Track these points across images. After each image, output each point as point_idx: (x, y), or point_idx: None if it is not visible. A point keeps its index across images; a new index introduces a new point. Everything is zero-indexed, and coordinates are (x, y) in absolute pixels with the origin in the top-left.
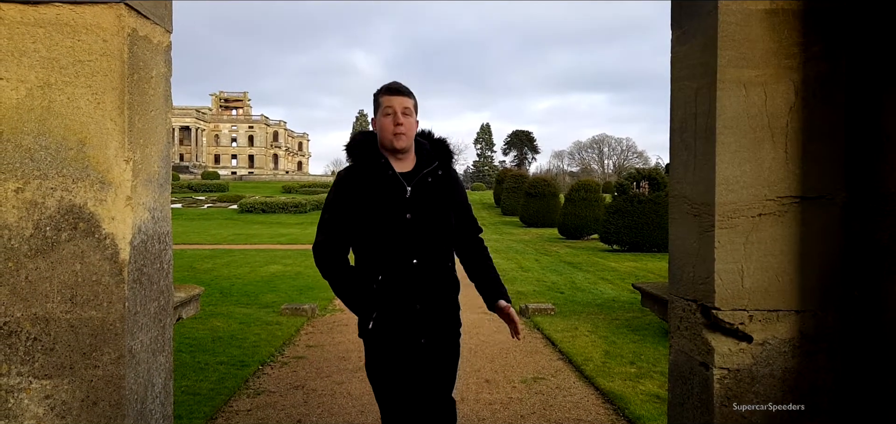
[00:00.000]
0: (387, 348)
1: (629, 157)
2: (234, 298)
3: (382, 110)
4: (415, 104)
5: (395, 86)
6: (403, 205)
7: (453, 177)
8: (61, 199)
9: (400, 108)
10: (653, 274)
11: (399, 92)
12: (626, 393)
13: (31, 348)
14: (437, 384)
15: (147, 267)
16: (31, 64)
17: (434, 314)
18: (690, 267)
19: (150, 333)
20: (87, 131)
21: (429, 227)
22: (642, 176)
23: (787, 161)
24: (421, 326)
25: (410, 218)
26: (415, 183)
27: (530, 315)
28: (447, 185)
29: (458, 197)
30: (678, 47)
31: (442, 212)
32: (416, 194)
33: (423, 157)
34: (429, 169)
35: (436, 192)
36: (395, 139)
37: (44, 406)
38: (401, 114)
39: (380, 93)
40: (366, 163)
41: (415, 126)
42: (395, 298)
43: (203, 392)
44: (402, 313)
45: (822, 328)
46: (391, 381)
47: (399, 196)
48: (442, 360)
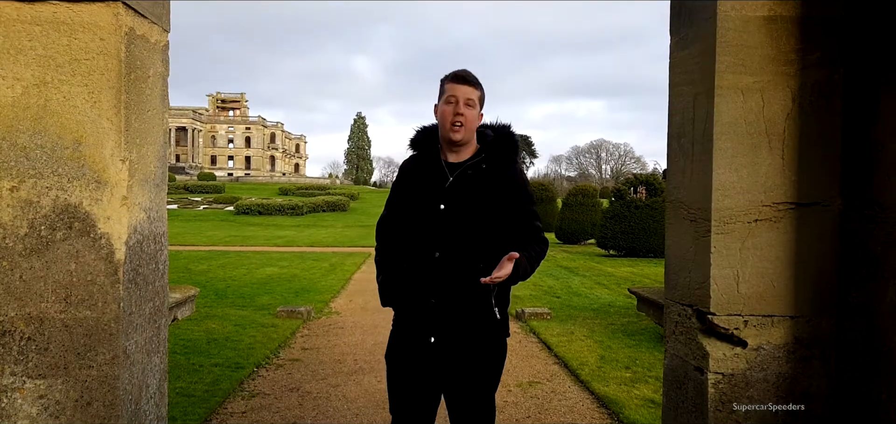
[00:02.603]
0: (399, 341)
1: (627, 163)
2: (229, 300)
3: (445, 97)
4: (481, 96)
5: (462, 74)
6: (439, 195)
7: (509, 174)
8: (56, 199)
9: (463, 98)
10: (649, 280)
11: (465, 80)
12: (621, 398)
13: (24, 348)
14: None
15: (142, 267)
16: (27, 62)
17: (451, 313)
18: (686, 272)
19: (145, 334)
20: (83, 130)
21: (460, 221)
22: (640, 181)
23: (784, 167)
24: (432, 323)
25: (444, 208)
26: (457, 174)
27: (526, 319)
28: (496, 180)
29: (509, 194)
30: (677, 53)
31: (479, 206)
32: (456, 185)
33: (479, 150)
34: (475, 160)
35: (477, 186)
36: (452, 130)
37: (37, 405)
38: (463, 105)
39: (446, 79)
40: (425, 152)
41: (477, 118)
42: (413, 291)
43: (198, 393)
44: (415, 307)
45: (817, 334)
46: (396, 376)
47: (438, 185)
48: (462, 362)
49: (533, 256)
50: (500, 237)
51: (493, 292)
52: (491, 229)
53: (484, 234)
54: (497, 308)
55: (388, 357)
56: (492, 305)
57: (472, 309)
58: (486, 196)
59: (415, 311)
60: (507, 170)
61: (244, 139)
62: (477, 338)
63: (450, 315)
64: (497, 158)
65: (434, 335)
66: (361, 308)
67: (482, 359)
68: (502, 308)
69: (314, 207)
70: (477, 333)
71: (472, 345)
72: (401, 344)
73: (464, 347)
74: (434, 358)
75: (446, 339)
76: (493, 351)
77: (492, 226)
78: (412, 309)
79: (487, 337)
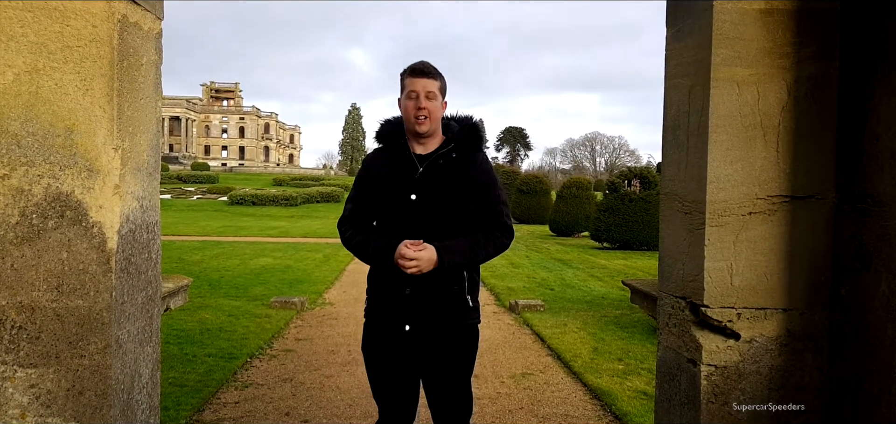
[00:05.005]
0: (374, 331)
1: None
2: (223, 290)
3: (406, 92)
4: (441, 86)
5: (420, 66)
6: (410, 186)
7: (478, 162)
8: (48, 187)
9: (423, 92)
10: (642, 272)
11: (424, 73)
12: (614, 390)
13: (15, 336)
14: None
15: (135, 256)
16: (18, 48)
17: (425, 302)
18: (680, 265)
19: (138, 323)
20: (75, 118)
21: (433, 211)
22: (634, 174)
23: (779, 160)
24: (407, 313)
25: (415, 199)
26: (426, 164)
27: (520, 311)
28: (465, 169)
29: (478, 183)
30: (673, 45)
31: (450, 196)
32: (425, 175)
33: (447, 140)
34: (444, 150)
35: (447, 175)
36: (416, 123)
37: (28, 395)
38: (424, 98)
39: (405, 73)
40: (390, 145)
41: (440, 109)
42: (387, 280)
43: (191, 383)
44: (390, 297)
45: (809, 326)
46: (375, 365)
47: (408, 176)
48: (437, 352)
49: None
50: (469, 225)
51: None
52: (461, 217)
53: (455, 222)
54: (469, 295)
55: (366, 348)
56: (465, 293)
57: (445, 297)
58: (456, 185)
59: (389, 301)
60: (476, 158)
61: (238, 129)
62: (451, 326)
63: (424, 303)
64: (466, 148)
65: (409, 323)
66: (355, 299)
67: (456, 346)
68: (474, 296)
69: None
70: (451, 321)
71: (446, 333)
72: (376, 334)
73: (438, 335)
74: (410, 346)
75: (421, 327)
76: (467, 338)
77: (462, 215)
78: (386, 299)
79: (461, 324)
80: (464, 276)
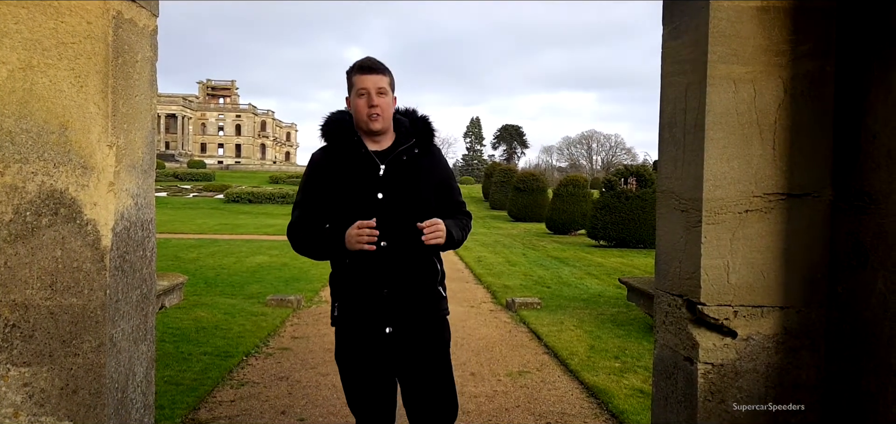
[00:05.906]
0: (350, 336)
1: (617, 154)
2: (219, 288)
3: (356, 91)
4: (390, 81)
5: (368, 63)
6: (375, 185)
7: (436, 155)
8: (42, 184)
9: (374, 88)
10: (639, 270)
11: (372, 69)
12: (611, 388)
13: (9, 335)
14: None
15: (129, 254)
16: (12, 45)
17: (404, 301)
18: (677, 263)
19: (132, 321)
20: (69, 115)
21: (402, 208)
22: (630, 172)
23: (775, 158)
24: (387, 314)
25: (382, 198)
26: (389, 161)
27: (516, 309)
28: (427, 165)
29: (439, 177)
30: (669, 42)
31: (418, 192)
32: (390, 173)
33: (402, 135)
34: (405, 146)
35: (412, 172)
36: (370, 121)
37: (22, 393)
38: (375, 95)
39: (351, 71)
40: (339, 144)
41: (392, 104)
42: (361, 283)
43: (186, 382)
44: (367, 299)
45: (806, 324)
46: (354, 371)
47: (371, 175)
48: (418, 350)
49: (462, 224)
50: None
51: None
52: (425, 211)
53: (419, 217)
54: (440, 286)
55: (341, 356)
56: (436, 284)
57: (423, 293)
58: (422, 180)
59: (366, 304)
60: (434, 152)
61: (234, 127)
62: (429, 321)
63: (403, 302)
64: (425, 143)
65: (390, 325)
66: None
67: (435, 341)
68: (444, 286)
69: None
70: (429, 316)
71: (425, 329)
72: (353, 340)
73: (418, 332)
74: (390, 349)
75: (402, 328)
76: (444, 330)
77: (426, 209)
78: (362, 301)
79: (437, 317)
80: (437, 268)
